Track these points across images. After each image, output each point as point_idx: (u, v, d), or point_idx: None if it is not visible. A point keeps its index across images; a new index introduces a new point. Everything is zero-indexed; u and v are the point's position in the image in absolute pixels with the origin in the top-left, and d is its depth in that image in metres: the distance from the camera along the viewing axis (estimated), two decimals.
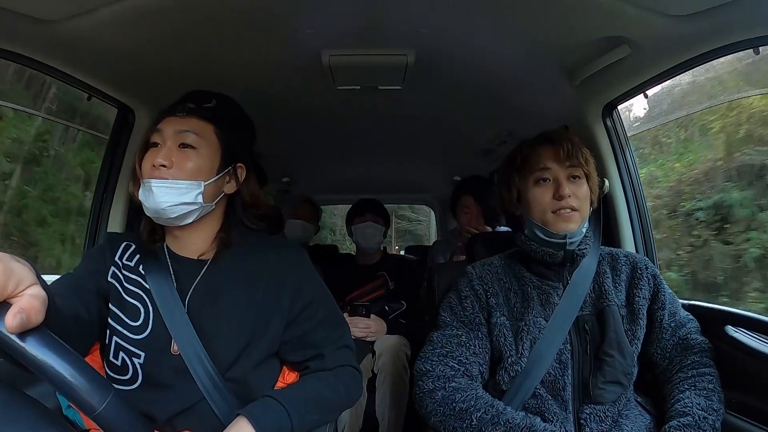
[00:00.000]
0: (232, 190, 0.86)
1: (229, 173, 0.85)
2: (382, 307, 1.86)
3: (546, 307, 0.97)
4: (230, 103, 0.90)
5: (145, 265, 0.84)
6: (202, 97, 0.86)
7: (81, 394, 0.47)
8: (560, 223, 0.95)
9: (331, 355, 0.85)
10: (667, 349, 0.98)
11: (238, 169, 0.86)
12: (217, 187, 0.83)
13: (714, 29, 0.95)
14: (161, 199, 0.77)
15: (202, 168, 0.80)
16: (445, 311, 1.02)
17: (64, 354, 0.47)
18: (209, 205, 0.82)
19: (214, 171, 0.82)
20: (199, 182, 0.79)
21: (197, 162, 0.80)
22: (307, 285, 0.88)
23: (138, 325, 0.80)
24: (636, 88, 1.23)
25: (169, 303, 0.80)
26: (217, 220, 0.87)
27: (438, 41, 1.17)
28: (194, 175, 0.79)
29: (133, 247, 0.87)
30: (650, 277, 1.00)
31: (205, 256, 0.86)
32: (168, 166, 0.78)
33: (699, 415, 0.84)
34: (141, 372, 0.78)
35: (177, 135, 0.80)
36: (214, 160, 0.82)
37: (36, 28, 0.95)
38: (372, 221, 2.03)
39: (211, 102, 0.85)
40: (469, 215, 1.94)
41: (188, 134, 0.80)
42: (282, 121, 1.82)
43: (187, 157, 0.80)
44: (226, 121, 0.85)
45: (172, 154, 0.79)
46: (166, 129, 0.81)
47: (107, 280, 0.83)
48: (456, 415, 0.87)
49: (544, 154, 0.98)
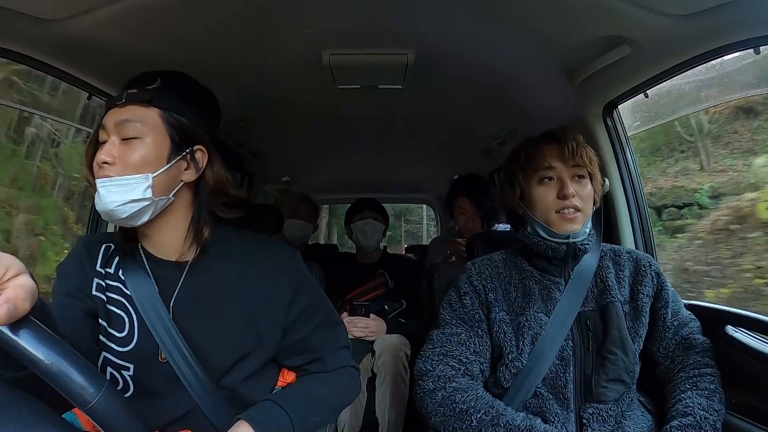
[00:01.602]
0: (193, 178, 0.77)
1: (185, 159, 0.75)
2: (381, 306, 1.86)
3: (547, 303, 0.97)
4: (180, 80, 0.78)
5: (124, 270, 0.78)
6: (146, 79, 0.76)
7: (73, 386, 0.46)
8: (563, 224, 0.95)
9: (329, 358, 0.84)
10: (670, 348, 0.97)
11: (196, 153, 0.76)
12: (170, 176, 0.74)
13: (714, 29, 0.95)
14: (108, 199, 0.70)
15: (148, 159, 0.71)
16: (444, 309, 1.02)
17: (56, 345, 0.46)
18: (164, 198, 0.74)
19: (164, 160, 0.73)
20: (146, 175, 0.71)
21: (141, 153, 0.71)
22: (303, 290, 0.83)
23: (124, 335, 0.75)
24: (636, 87, 1.23)
25: (151, 308, 0.75)
26: (185, 214, 0.78)
27: (438, 40, 1.17)
28: (140, 167, 0.71)
29: (112, 248, 0.81)
30: (654, 275, 1.00)
31: (185, 257, 0.79)
32: (111, 163, 0.70)
33: (700, 415, 0.84)
34: (132, 383, 0.75)
35: (118, 127, 0.72)
36: (162, 147, 0.73)
37: (36, 27, 0.95)
38: (371, 218, 2.03)
39: (155, 82, 0.74)
40: (466, 216, 1.94)
41: (128, 124, 0.72)
42: (282, 121, 1.83)
43: (130, 149, 0.71)
44: (172, 101, 0.75)
45: (114, 149, 0.71)
46: (107, 122, 0.73)
47: (92, 295, 0.76)
48: (456, 416, 0.87)
49: (549, 153, 0.97)
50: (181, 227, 0.78)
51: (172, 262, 0.79)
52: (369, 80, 1.41)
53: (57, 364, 0.46)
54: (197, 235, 0.78)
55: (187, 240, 0.78)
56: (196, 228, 0.78)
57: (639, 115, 1.48)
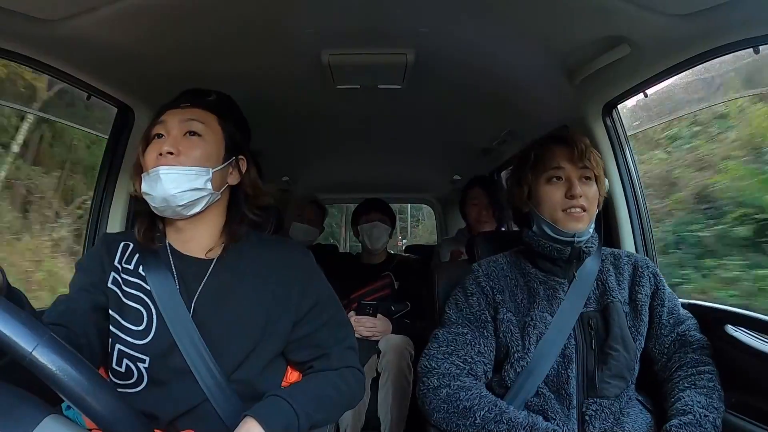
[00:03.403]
0: (235, 182, 0.86)
1: (231, 164, 0.85)
2: (387, 307, 1.86)
3: (552, 303, 0.98)
4: (229, 99, 0.91)
5: (145, 266, 0.82)
6: (203, 91, 0.87)
7: (10, 336, 0.45)
8: (570, 223, 0.96)
9: (336, 355, 0.85)
10: (666, 345, 0.99)
11: (239, 161, 0.86)
12: (222, 176, 0.83)
13: (714, 28, 0.95)
14: (170, 185, 0.76)
15: (210, 155, 0.81)
16: (450, 309, 1.03)
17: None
18: (216, 193, 0.82)
19: (221, 159, 0.82)
20: (207, 168, 0.79)
21: (205, 149, 0.80)
22: (314, 285, 0.88)
23: (141, 329, 0.78)
24: (636, 87, 1.23)
25: (170, 304, 0.79)
26: (221, 213, 0.86)
27: (438, 40, 1.17)
28: (202, 161, 0.79)
29: (131, 247, 0.85)
30: (651, 276, 1.02)
31: (212, 254, 0.84)
32: (175, 154, 0.77)
33: (700, 413, 0.84)
34: (146, 375, 0.77)
35: (182, 124, 0.81)
36: (220, 148, 0.83)
37: (36, 27, 0.95)
38: (378, 221, 2.03)
39: (211, 96, 0.87)
40: (479, 207, 1.93)
41: (194, 122, 0.81)
42: (282, 121, 1.82)
43: (194, 144, 0.80)
44: (227, 113, 0.86)
45: (179, 143, 0.79)
46: (170, 120, 0.81)
47: (107, 287, 0.81)
48: (459, 413, 0.88)
49: (559, 154, 0.99)
50: (215, 225, 0.86)
51: (199, 259, 0.84)
52: (369, 80, 1.41)
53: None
54: (233, 233, 0.85)
55: (221, 237, 0.85)
56: (233, 226, 0.86)
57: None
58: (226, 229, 0.86)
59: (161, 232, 0.85)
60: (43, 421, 0.47)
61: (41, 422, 0.47)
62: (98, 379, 0.50)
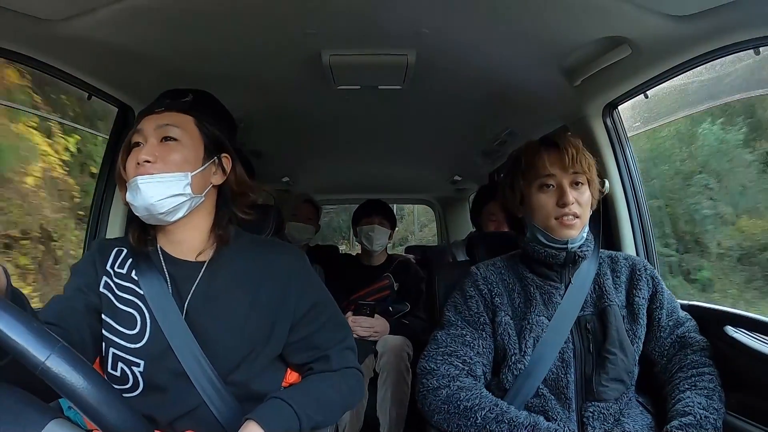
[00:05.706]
0: (220, 181, 0.85)
1: (214, 164, 0.84)
2: (386, 308, 1.86)
3: (548, 306, 0.98)
4: (208, 97, 0.89)
5: (137, 270, 0.82)
6: (179, 93, 0.85)
7: (23, 346, 0.46)
8: (563, 230, 0.96)
9: (335, 356, 0.85)
10: (665, 347, 0.99)
11: (223, 159, 0.85)
12: (203, 178, 0.82)
13: (714, 29, 0.95)
14: (149, 194, 0.75)
15: (188, 158, 0.79)
16: (449, 311, 1.03)
17: (7, 308, 0.46)
18: (198, 196, 0.81)
19: (200, 161, 0.81)
20: (186, 173, 0.78)
21: (182, 153, 0.79)
22: (311, 287, 0.88)
23: (135, 333, 0.78)
24: (636, 88, 1.23)
25: (163, 306, 0.79)
26: (209, 214, 0.86)
27: (438, 41, 1.17)
28: (180, 166, 0.78)
29: (125, 252, 0.85)
30: (649, 278, 1.02)
31: (203, 257, 0.84)
32: (153, 161, 0.77)
33: (701, 414, 0.84)
34: (142, 379, 0.77)
35: (158, 130, 0.79)
36: (198, 150, 0.81)
37: (36, 27, 0.95)
38: (378, 224, 2.02)
39: (187, 96, 0.85)
40: (497, 223, 1.88)
41: (169, 127, 0.80)
42: (282, 121, 1.82)
43: (171, 149, 0.79)
44: (205, 112, 0.85)
45: (155, 150, 0.78)
46: (146, 127, 0.80)
47: (98, 291, 0.81)
48: (460, 413, 0.88)
49: (549, 160, 0.98)
50: (204, 227, 0.85)
51: (190, 262, 0.84)
52: (369, 81, 1.40)
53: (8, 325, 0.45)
54: (221, 234, 0.85)
55: (209, 239, 0.85)
56: (221, 227, 0.85)
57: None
58: (214, 231, 0.85)
59: (152, 236, 0.85)
60: (47, 425, 0.48)
61: (45, 427, 0.48)
62: (110, 389, 0.51)
